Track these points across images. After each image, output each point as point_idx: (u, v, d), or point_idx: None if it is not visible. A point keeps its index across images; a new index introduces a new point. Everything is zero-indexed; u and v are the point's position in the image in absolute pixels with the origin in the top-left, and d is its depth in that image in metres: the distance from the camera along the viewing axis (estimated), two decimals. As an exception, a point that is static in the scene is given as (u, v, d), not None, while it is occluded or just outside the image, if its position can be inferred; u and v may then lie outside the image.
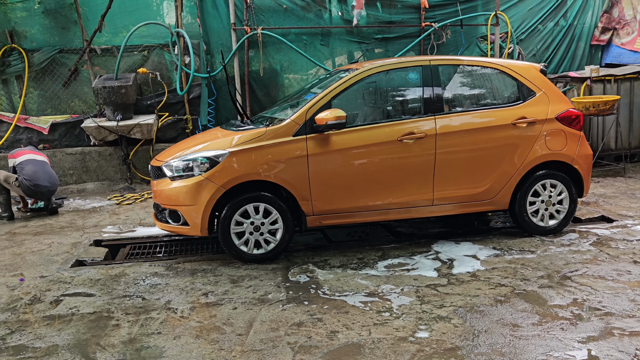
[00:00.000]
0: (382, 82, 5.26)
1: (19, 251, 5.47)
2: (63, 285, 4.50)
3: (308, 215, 4.93)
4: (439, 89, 5.20)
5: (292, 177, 4.81)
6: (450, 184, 5.16)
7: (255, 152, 4.75)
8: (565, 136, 5.33)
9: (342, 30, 9.16)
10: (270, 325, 3.65)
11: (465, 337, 3.41)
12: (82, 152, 8.51)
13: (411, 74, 5.29)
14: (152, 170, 5.26)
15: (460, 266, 4.66)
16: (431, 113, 5.12)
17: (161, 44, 8.85)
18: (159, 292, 4.29)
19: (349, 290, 4.21)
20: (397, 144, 4.99)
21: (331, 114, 4.73)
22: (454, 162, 5.13)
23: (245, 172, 4.73)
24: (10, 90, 8.91)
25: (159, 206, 5.07)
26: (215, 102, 8.80)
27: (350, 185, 4.96)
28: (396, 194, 5.06)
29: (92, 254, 5.36)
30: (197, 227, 4.77)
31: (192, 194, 4.71)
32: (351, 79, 5.05)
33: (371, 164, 4.97)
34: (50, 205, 7.02)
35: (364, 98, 5.24)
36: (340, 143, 4.89)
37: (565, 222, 5.43)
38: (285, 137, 4.83)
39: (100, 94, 8.14)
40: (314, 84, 5.83)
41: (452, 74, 5.36)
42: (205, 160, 4.74)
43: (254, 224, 4.81)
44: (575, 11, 10.04)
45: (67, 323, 3.79)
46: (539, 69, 5.50)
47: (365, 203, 5.02)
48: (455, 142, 5.11)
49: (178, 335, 3.55)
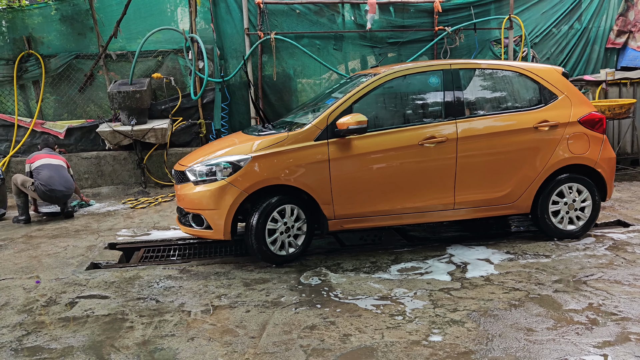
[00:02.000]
0: (402, 87, 5.25)
1: (35, 254, 5.53)
2: (78, 288, 4.55)
3: (330, 219, 4.95)
4: (459, 93, 5.19)
5: (314, 182, 4.84)
6: (471, 188, 5.14)
7: (277, 156, 4.78)
8: (588, 139, 5.29)
9: (355, 34, 9.17)
10: (283, 328, 3.65)
11: (478, 341, 3.39)
12: (97, 156, 8.61)
13: (432, 78, 5.28)
14: (175, 175, 5.30)
15: (474, 270, 4.64)
16: (452, 117, 5.11)
17: (175, 49, 8.92)
18: (173, 295, 4.32)
19: (362, 293, 4.21)
20: (418, 148, 4.99)
21: (353, 118, 4.74)
22: (476, 166, 5.11)
23: (268, 177, 4.76)
24: (27, 96, 9.03)
25: (182, 210, 5.11)
26: (228, 106, 8.85)
27: (372, 190, 4.97)
28: (418, 198, 5.06)
29: (107, 257, 5.41)
30: (220, 230, 4.80)
31: (215, 198, 4.75)
32: (372, 83, 5.06)
33: (393, 168, 4.97)
34: (66, 209, 7.10)
35: (385, 102, 5.23)
36: (361, 147, 4.90)
37: (588, 225, 5.39)
38: (306, 141, 4.85)
39: (115, 99, 8.22)
40: (334, 88, 5.84)
41: (473, 77, 5.34)
42: (228, 165, 4.77)
43: (286, 225, 4.87)
44: (590, 14, 9.96)
45: (82, 325, 3.83)
46: (561, 72, 5.48)
47: (387, 207, 5.02)
48: (477, 146, 5.09)
49: (191, 338, 3.57)
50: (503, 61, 5.65)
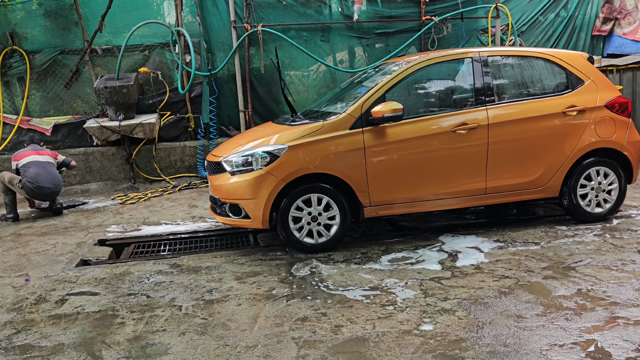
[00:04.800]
0: (432, 74, 5.31)
1: (24, 252, 5.49)
2: (68, 285, 4.52)
3: (365, 207, 5.02)
4: (489, 80, 5.27)
5: (350, 170, 4.90)
6: (502, 173, 5.24)
7: (313, 145, 4.84)
8: (614, 123, 5.39)
9: (342, 25, 9.16)
10: (275, 321, 3.65)
11: (469, 329, 3.41)
12: (85, 152, 8.54)
13: (461, 66, 5.35)
14: (209, 166, 5.35)
15: (464, 259, 4.66)
16: (482, 104, 5.20)
17: (162, 43, 8.87)
18: (164, 290, 4.30)
19: (353, 284, 4.22)
20: (450, 134, 5.07)
21: (388, 106, 4.81)
22: (506, 152, 5.20)
23: (305, 166, 4.81)
24: (12, 92, 8.94)
25: (217, 200, 5.14)
26: (216, 100, 8.81)
27: (406, 176, 5.04)
28: (450, 184, 5.15)
29: (97, 253, 5.38)
30: (258, 219, 4.86)
31: (253, 187, 4.80)
32: (403, 72, 5.13)
33: (426, 154, 5.05)
34: (54, 206, 7.04)
35: (416, 90, 5.28)
36: (395, 135, 4.96)
37: (616, 207, 5.51)
38: (342, 130, 4.91)
39: (102, 94, 8.16)
40: (362, 78, 5.89)
41: (502, 64, 5.40)
42: (265, 154, 4.82)
43: (311, 215, 4.91)
44: (576, 2, 10.01)
45: (73, 322, 3.81)
46: (587, 57, 5.58)
47: (421, 193, 5.10)
48: (507, 132, 5.18)
49: (183, 332, 3.56)
50: (531, 48, 5.74)
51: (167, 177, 8.56)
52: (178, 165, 8.69)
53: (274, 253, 5.11)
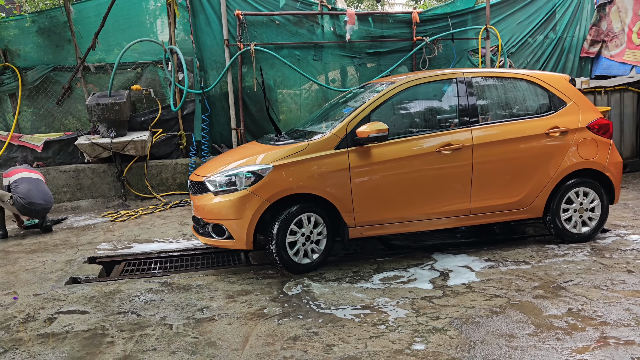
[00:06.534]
0: (418, 95, 5.33)
1: (12, 269, 5.44)
2: (57, 303, 4.48)
3: (350, 227, 4.99)
4: (473, 100, 5.31)
5: (335, 190, 4.87)
6: (487, 194, 5.26)
7: (298, 165, 4.81)
8: (596, 144, 5.46)
9: (334, 45, 9.24)
10: (266, 340, 3.64)
11: (461, 349, 3.41)
12: (76, 169, 8.50)
13: (446, 86, 5.39)
14: (191, 185, 5.29)
15: (456, 278, 4.67)
16: (467, 124, 5.24)
17: (154, 60, 8.89)
18: (154, 309, 4.27)
19: (345, 303, 4.21)
20: (435, 155, 5.09)
21: (373, 126, 4.82)
22: (491, 172, 5.24)
23: (290, 186, 4.77)
24: (3, 109, 8.91)
25: (200, 220, 5.08)
26: (209, 118, 8.83)
27: (391, 197, 5.04)
28: (436, 204, 5.15)
29: (87, 271, 5.34)
30: (242, 240, 4.79)
31: (237, 208, 4.74)
32: (389, 92, 5.16)
33: (411, 175, 5.05)
34: (44, 223, 6.99)
35: (402, 110, 5.28)
36: (380, 155, 4.96)
37: (598, 227, 5.55)
38: (327, 150, 4.89)
39: (94, 111, 8.15)
40: (348, 97, 5.91)
41: (486, 85, 5.45)
42: (250, 174, 4.76)
43: (304, 235, 4.88)
44: (564, 24, 10.18)
45: (62, 341, 3.77)
46: (568, 79, 5.66)
47: (406, 214, 5.10)
48: (491, 152, 5.22)
49: (173, 352, 3.53)
50: (515, 70, 5.82)
51: (158, 195, 8.53)
52: (169, 182, 8.67)
53: (265, 271, 5.09)
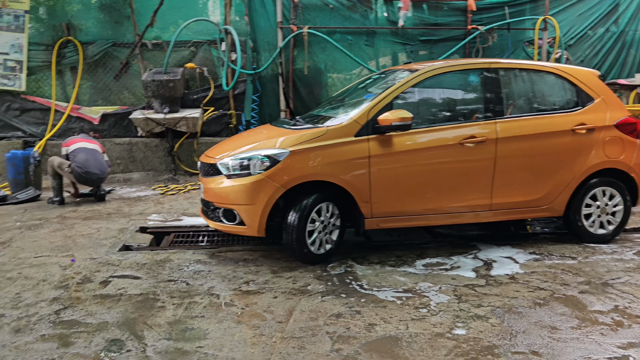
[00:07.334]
0: (442, 84, 5.16)
1: (70, 234, 5.72)
2: (111, 268, 4.70)
3: (367, 218, 4.81)
4: (499, 93, 5.12)
5: (353, 179, 4.67)
6: (509, 190, 5.08)
7: (316, 151, 4.60)
8: (623, 144, 5.26)
9: (387, 31, 9.21)
10: (310, 315, 3.74)
11: (502, 337, 3.43)
12: (130, 142, 8.81)
13: (472, 77, 5.23)
14: (202, 167, 5.12)
15: (499, 268, 4.66)
16: (492, 117, 5.05)
17: (209, 40, 9.08)
18: (202, 279, 4.44)
19: (387, 285, 4.27)
20: (458, 147, 4.90)
21: (396, 114, 4.61)
22: (514, 168, 5.05)
23: (307, 172, 4.59)
24: (64, 81, 9.28)
25: (210, 204, 4.91)
26: (259, 98, 8.97)
27: (411, 188, 4.86)
28: (455, 198, 4.98)
29: (138, 239, 5.56)
30: (254, 227, 4.62)
31: (250, 193, 4.56)
32: (413, 79, 4.95)
33: (432, 166, 4.87)
34: (98, 192, 7.29)
35: (425, 99, 5.13)
36: (402, 145, 4.77)
37: (619, 229, 5.36)
38: (346, 137, 4.68)
39: (150, 87, 8.40)
40: (368, 83, 5.73)
41: (512, 77, 5.28)
42: (266, 158, 4.56)
43: (323, 223, 4.72)
44: (627, 18, 9.83)
45: (116, 302, 3.97)
46: (597, 75, 5.46)
47: (425, 206, 4.93)
48: (516, 147, 5.02)
49: (221, 320, 3.68)
50: (542, 62, 5.57)
51: (206, 171, 8.74)
52: (218, 160, 8.87)
53: (310, 250, 5.19)
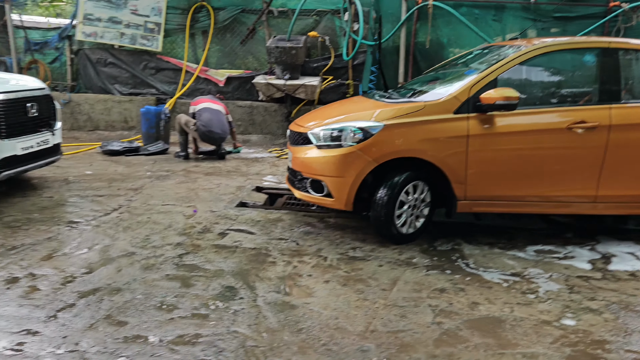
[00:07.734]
0: (553, 63, 4.85)
1: (192, 187, 6.16)
2: (229, 221, 5.02)
3: (460, 200, 4.59)
4: (617, 75, 4.71)
5: (449, 158, 4.46)
6: (618, 182, 4.69)
7: (412, 127, 4.41)
8: None
9: (518, 5, 8.76)
10: (413, 287, 3.79)
11: (615, 333, 3.27)
12: (251, 105, 9.23)
13: (587, 56, 4.86)
14: (291, 135, 5.03)
15: (619, 263, 4.40)
16: (606, 101, 4.65)
17: (332, 9, 9.18)
18: (312, 240, 4.62)
19: (494, 267, 4.20)
20: (564, 132, 4.57)
21: (501, 93, 4.33)
22: (627, 159, 4.65)
23: (400, 148, 4.42)
24: (195, 44, 9.84)
25: (297, 173, 4.83)
26: (378, 69, 8.95)
27: (509, 172, 4.58)
28: (556, 186, 4.68)
29: (254, 198, 5.87)
30: (342, 200, 4.50)
31: (340, 165, 4.44)
32: (520, 56, 4.60)
33: (534, 151, 4.56)
34: (220, 151, 7.74)
35: (532, 79, 4.86)
36: (503, 126, 4.49)
37: None
38: (445, 113, 4.45)
39: (273, 53, 8.69)
40: (468, 59, 5.46)
41: (634, 59, 4.85)
42: (359, 131, 4.42)
43: (413, 202, 4.58)
44: None
45: (232, 253, 4.26)
46: None
47: (523, 193, 4.64)
48: (631, 137, 4.62)
49: (327, 280, 3.84)
50: None
51: (320, 139, 8.95)
52: (332, 128, 9.03)
53: (417, 224, 5.20)
